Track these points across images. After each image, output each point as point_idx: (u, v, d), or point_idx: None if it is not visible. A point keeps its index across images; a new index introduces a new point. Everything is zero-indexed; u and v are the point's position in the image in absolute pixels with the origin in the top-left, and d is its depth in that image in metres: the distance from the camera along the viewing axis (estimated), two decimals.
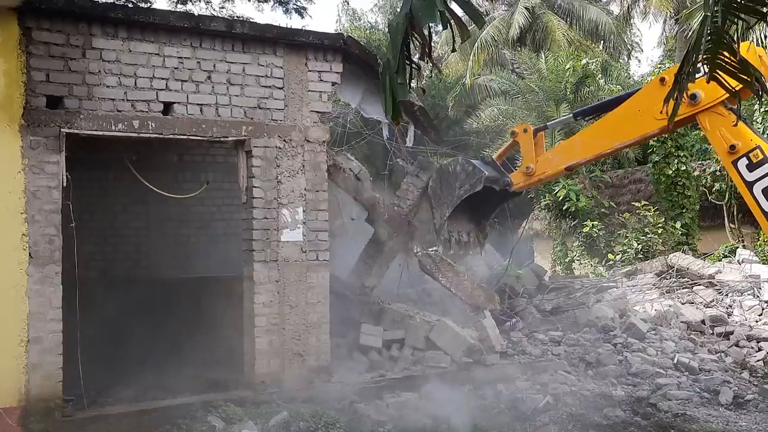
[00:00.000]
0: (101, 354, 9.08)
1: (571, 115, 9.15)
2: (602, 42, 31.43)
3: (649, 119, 7.63)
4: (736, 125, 7.01)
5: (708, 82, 4.39)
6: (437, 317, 10.92)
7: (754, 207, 6.95)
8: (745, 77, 4.16)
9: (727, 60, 4.07)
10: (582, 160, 8.57)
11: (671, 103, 4.32)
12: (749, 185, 6.92)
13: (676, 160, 20.64)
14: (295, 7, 19.49)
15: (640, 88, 8.29)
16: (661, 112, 6.74)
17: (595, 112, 8.76)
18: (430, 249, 12.14)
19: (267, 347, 9.02)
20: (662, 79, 7.56)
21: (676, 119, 7.41)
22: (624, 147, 8.33)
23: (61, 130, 7.91)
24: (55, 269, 7.84)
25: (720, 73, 4.12)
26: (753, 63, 4.85)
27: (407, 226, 11.36)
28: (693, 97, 7.19)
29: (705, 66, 4.21)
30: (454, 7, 4.49)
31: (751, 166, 6.92)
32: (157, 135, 8.48)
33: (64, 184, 7.92)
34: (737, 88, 4.51)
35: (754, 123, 19.37)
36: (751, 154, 6.91)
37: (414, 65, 4.35)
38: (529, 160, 8.57)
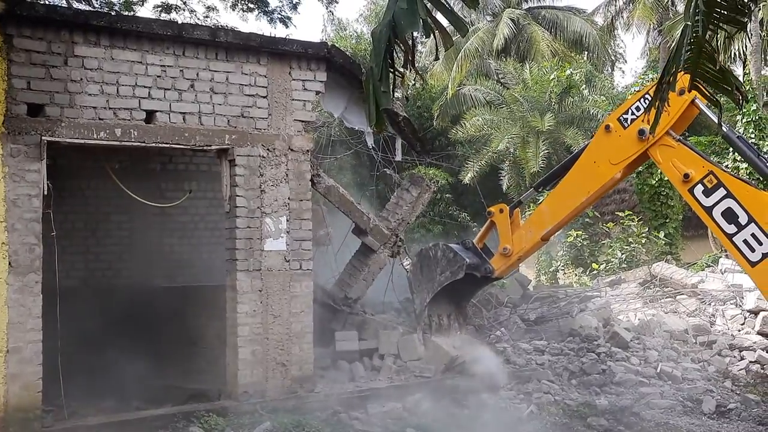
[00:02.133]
0: (82, 364, 8.99)
1: (533, 189, 9.30)
2: (586, 53, 31.60)
3: (606, 167, 7.77)
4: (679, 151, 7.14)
5: (689, 90, 4.42)
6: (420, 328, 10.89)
7: (716, 231, 7.02)
8: (726, 86, 4.19)
9: (707, 70, 4.09)
10: (553, 226, 8.68)
11: (652, 112, 4.34)
12: (708, 210, 6.99)
13: (659, 171, 20.74)
14: (279, 16, 19.50)
15: (587, 144, 8.44)
16: (620, 140, 6.84)
17: (554, 178, 8.92)
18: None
19: (250, 357, 8.97)
20: (607, 127, 7.70)
21: (630, 159, 7.53)
22: (590, 201, 8.47)
23: (42, 138, 7.85)
24: (35, 278, 7.77)
25: (700, 82, 4.15)
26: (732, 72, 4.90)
27: (396, 239, 11.34)
28: (641, 133, 7.30)
29: (643, 103, 4.25)
30: (438, 16, 4.50)
31: (707, 192, 7.01)
32: (139, 143, 8.44)
33: (45, 193, 7.85)
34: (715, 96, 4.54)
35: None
36: (705, 180, 7.00)
37: (397, 73, 4.34)
38: (506, 240, 8.67)
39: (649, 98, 4.28)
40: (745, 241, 6.86)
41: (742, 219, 6.85)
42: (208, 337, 9.82)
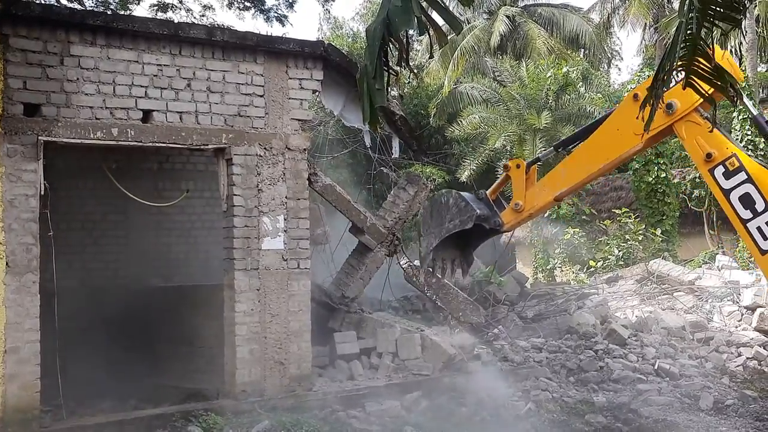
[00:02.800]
0: (80, 364, 9.00)
1: (552, 148, 9.20)
2: (583, 50, 31.65)
3: (629, 136, 7.68)
4: (711, 132, 7.06)
5: (684, 88, 4.42)
6: (418, 326, 10.93)
7: (731, 215, 6.99)
8: (720, 84, 4.20)
9: (702, 66, 4.10)
10: (568, 188, 8.59)
11: (647, 109, 4.34)
12: (726, 193, 6.96)
13: (656, 168, 20.78)
14: (276, 15, 19.49)
15: (615, 109, 8.36)
16: (638, 119, 6.77)
17: (575, 140, 8.85)
18: (415, 261, 12.17)
19: (248, 356, 8.98)
20: (635, 96, 7.63)
21: (654, 132, 7.48)
22: (608, 168, 8.36)
23: (39, 137, 7.85)
24: (32, 278, 7.77)
25: (695, 79, 4.15)
26: (727, 70, 4.90)
27: (392, 237, 11.34)
28: (669, 106, 7.23)
29: (678, 74, 4.23)
30: (434, 14, 4.51)
31: (728, 174, 6.96)
32: (136, 143, 8.44)
33: (42, 193, 7.86)
34: (710, 93, 4.54)
35: (732, 130, 19.56)
36: (727, 162, 6.95)
37: (391, 71, 4.35)
38: (518, 196, 8.58)
39: (681, 73, 4.24)
40: (759, 228, 6.85)
41: (759, 205, 6.82)
42: (206, 337, 9.83)
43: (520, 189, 8.58)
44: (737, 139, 18.96)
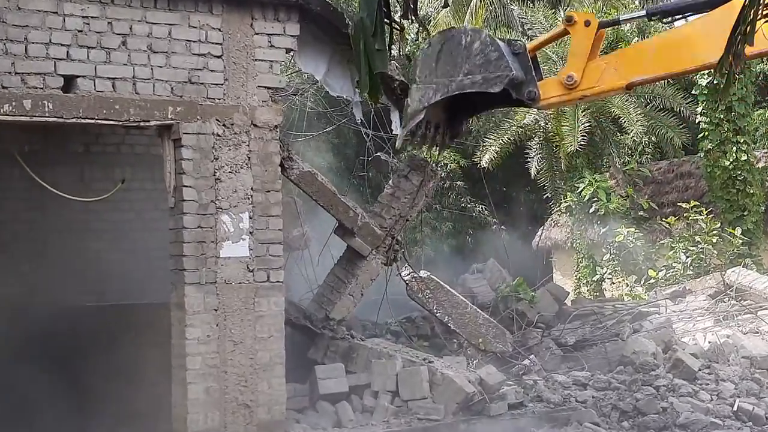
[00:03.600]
0: None
1: (645, 13, 8.65)
2: None
3: (756, 35, 7.28)
4: None
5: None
6: (424, 356, 10.92)
7: None
8: None
9: None
10: (651, 76, 8.20)
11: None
12: None
13: (734, 148, 20.81)
14: None
15: None
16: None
17: (682, 12, 8.33)
18: (421, 271, 12.14)
19: (203, 396, 8.97)
20: None
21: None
22: (712, 67, 7.89)
23: None
24: None
25: None
26: None
27: (391, 241, 11.31)
28: None
29: None
30: None
31: None
32: (56, 119, 8.42)
33: None
34: None
35: None
36: None
37: (395, 26, 4.34)
38: (575, 66, 8.02)
39: None
40: None
41: None
42: (149, 371, 9.82)
43: (581, 56, 8.00)
44: None
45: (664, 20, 8.60)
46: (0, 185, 11.08)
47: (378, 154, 13.58)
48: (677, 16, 8.39)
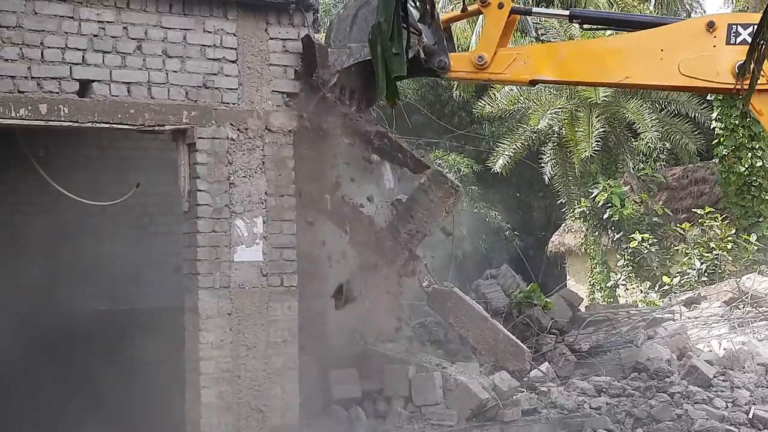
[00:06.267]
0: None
1: (568, 14, 8.67)
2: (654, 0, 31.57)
3: (670, 68, 7.34)
4: None
5: None
6: (438, 361, 10.91)
7: None
8: None
9: None
10: (557, 79, 8.32)
11: (748, 76, 4.33)
12: None
13: (750, 154, 20.76)
14: None
15: (672, 22, 7.99)
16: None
17: (603, 24, 8.42)
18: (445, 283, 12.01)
19: (216, 401, 8.99)
20: (710, 24, 7.26)
21: (706, 87, 7.18)
22: (624, 86, 8.11)
23: None
24: None
25: None
26: None
27: (408, 255, 11.07)
28: (741, 68, 7.05)
29: None
30: None
31: None
32: (71, 123, 8.47)
33: None
34: None
35: None
36: None
37: (413, 30, 4.35)
38: (486, 47, 8.11)
39: None
40: None
41: None
42: (162, 376, 9.84)
43: (491, 38, 8.05)
44: None
45: (584, 27, 8.68)
46: (15, 189, 11.16)
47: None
48: (599, 26, 8.49)
